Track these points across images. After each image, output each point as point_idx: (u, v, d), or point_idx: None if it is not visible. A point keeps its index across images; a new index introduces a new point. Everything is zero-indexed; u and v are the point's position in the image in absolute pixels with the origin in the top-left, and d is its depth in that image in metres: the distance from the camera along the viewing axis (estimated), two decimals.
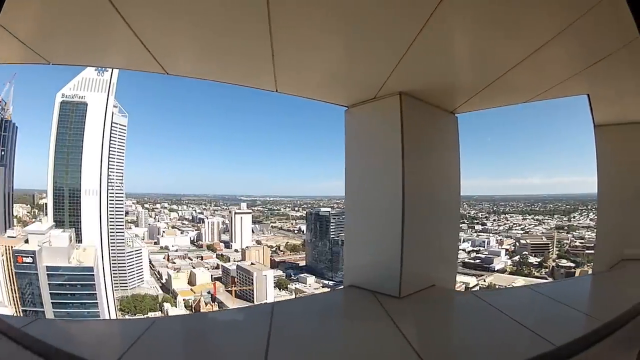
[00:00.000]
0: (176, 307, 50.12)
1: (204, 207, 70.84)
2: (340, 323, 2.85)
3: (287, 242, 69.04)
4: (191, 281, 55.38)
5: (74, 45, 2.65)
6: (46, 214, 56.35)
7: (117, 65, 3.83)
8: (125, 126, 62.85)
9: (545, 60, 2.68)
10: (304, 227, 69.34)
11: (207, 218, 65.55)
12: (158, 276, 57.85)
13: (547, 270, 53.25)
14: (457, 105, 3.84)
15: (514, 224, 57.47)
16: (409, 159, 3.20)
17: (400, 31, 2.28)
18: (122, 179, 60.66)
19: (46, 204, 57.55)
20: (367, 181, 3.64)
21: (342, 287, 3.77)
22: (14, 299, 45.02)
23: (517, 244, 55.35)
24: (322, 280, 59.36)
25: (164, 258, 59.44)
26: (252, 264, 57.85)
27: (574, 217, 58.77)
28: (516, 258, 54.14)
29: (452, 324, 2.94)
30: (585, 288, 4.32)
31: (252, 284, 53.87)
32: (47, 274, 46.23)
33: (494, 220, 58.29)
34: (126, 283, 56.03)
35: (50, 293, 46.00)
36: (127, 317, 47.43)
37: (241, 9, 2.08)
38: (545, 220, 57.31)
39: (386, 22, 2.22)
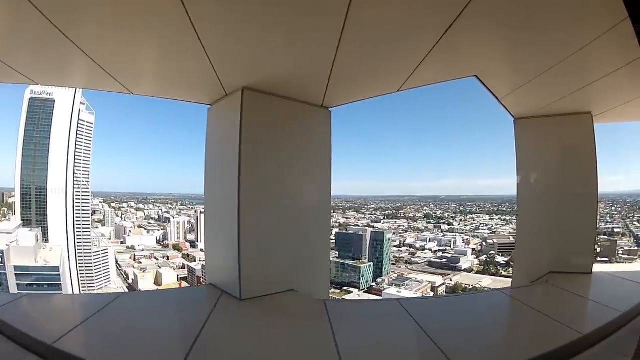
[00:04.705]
0: None
1: (170, 206, 70.13)
2: (155, 319, 2.81)
3: None
4: (157, 281, 55.27)
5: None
6: (14, 213, 55.94)
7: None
8: (92, 124, 61.74)
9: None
10: None
11: (173, 217, 64.80)
12: (125, 276, 57.69)
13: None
14: (323, 99, 3.50)
15: (481, 223, 57.38)
16: (249, 156, 3.07)
17: (195, 24, 2.19)
18: (88, 178, 59.89)
19: (14, 202, 57.05)
20: (216, 181, 3.62)
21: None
22: None
23: (484, 243, 55.33)
24: None
25: (130, 258, 59.10)
26: None
27: None
28: (483, 257, 54.17)
29: (267, 331, 2.69)
30: (464, 307, 3.70)
31: None
32: (15, 274, 46.03)
33: (461, 220, 58.11)
34: (93, 283, 55.92)
35: (18, 293, 45.84)
36: None
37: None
38: (513, 221, 57.13)
39: (174, 18, 2.15)
